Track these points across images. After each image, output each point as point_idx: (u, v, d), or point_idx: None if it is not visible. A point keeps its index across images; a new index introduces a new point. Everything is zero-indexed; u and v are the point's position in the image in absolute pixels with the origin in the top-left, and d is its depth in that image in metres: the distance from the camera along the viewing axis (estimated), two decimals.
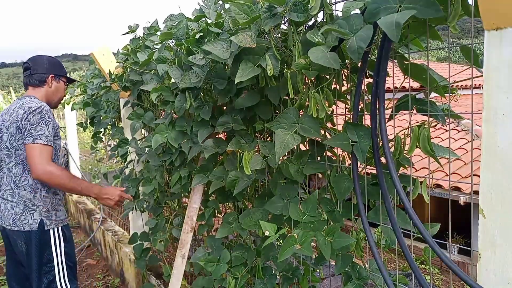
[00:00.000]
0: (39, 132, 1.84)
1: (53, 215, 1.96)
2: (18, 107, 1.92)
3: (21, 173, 1.93)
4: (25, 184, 1.92)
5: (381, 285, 1.20)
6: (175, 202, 2.41)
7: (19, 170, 1.92)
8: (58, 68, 2.12)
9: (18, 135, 1.89)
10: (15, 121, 1.89)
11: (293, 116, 1.15)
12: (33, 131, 1.84)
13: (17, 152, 1.91)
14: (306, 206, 1.20)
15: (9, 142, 1.92)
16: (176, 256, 1.93)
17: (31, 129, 1.84)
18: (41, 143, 1.83)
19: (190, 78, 1.51)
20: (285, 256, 1.10)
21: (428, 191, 1.06)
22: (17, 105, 1.95)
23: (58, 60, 2.17)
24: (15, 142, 1.90)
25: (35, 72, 2.04)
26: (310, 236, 1.11)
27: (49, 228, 1.93)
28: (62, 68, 2.15)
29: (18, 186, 1.92)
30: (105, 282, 3.53)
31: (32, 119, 1.85)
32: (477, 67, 0.93)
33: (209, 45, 1.27)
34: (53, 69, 2.09)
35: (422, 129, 0.99)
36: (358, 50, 0.85)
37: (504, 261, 0.75)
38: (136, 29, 2.20)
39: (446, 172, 4.99)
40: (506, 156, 0.72)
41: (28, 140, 1.83)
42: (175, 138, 1.77)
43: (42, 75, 2.04)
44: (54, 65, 2.10)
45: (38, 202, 1.92)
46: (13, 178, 1.93)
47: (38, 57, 2.12)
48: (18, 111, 1.89)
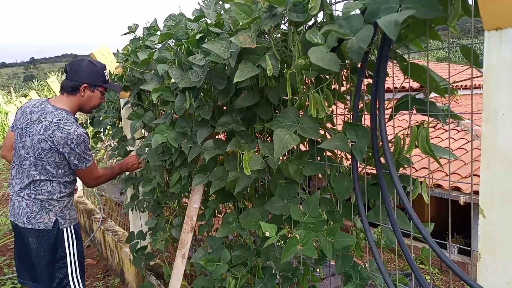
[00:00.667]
0: (87, 156, 1.98)
1: (67, 214, 2.02)
2: (53, 124, 1.90)
3: (43, 182, 1.97)
4: (44, 190, 1.97)
5: (381, 285, 1.20)
6: (175, 202, 2.41)
7: (42, 178, 1.96)
8: (94, 77, 2.03)
9: (54, 155, 1.93)
10: (50, 141, 1.90)
11: (293, 116, 1.15)
12: (84, 156, 1.96)
13: (45, 167, 1.95)
14: (307, 206, 1.20)
15: (38, 154, 1.94)
16: (176, 256, 1.93)
17: (80, 157, 1.95)
18: (90, 165, 2.01)
19: (190, 77, 1.51)
20: (288, 257, 1.10)
21: (428, 191, 1.06)
22: (50, 117, 1.92)
23: (98, 66, 2.07)
24: (44, 157, 1.93)
25: (70, 79, 2.02)
26: (312, 236, 1.11)
27: (63, 227, 2.00)
28: (100, 76, 2.06)
29: (37, 189, 1.97)
30: (105, 282, 3.53)
31: (81, 147, 1.93)
32: (477, 67, 0.93)
33: (209, 44, 1.27)
34: (88, 78, 2.02)
35: (421, 129, 0.99)
36: (359, 50, 0.85)
37: (504, 261, 0.75)
38: (135, 29, 2.20)
39: (446, 172, 4.99)
40: (506, 156, 0.72)
41: (81, 166, 1.98)
42: (175, 138, 1.78)
43: (76, 83, 2.01)
44: (90, 74, 2.03)
45: (55, 203, 1.98)
46: (34, 182, 1.97)
47: (76, 62, 2.07)
48: (56, 132, 1.89)
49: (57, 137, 1.88)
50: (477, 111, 0.83)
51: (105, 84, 2.09)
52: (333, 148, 1.13)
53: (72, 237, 2.04)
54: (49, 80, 4.72)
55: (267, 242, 1.18)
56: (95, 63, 2.06)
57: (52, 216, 1.97)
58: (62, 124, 1.91)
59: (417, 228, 0.92)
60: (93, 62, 2.06)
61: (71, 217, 2.05)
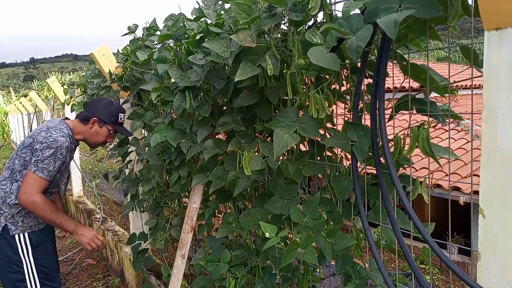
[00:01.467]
0: (44, 165, 1.93)
1: (19, 221, 2.03)
2: (45, 127, 2.01)
3: (6, 180, 2.03)
4: (2, 189, 2.03)
5: (381, 285, 1.20)
6: (175, 202, 2.41)
7: (7, 174, 2.02)
8: (107, 114, 2.13)
9: (27, 152, 2.00)
10: (33, 137, 1.99)
11: (293, 115, 1.14)
12: (40, 163, 1.93)
13: (15, 161, 2.02)
14: (307, 208, 1.20)
15: (19, 148, 2.02)
16: (176, 256, 1.93)
17: (38, 160, 1.93)
18: (40, 176, 1.93)
19: (190, 76, 1.51)
20: (288, 261, 1.11)
21: (428, 191, 1.06)
22: (51, 124, 2.04)
23: (116, 107, 2.16)
24: (20, 152, 2.02)
25: (86, 109, 2.16)
26: (313, 240, 1.11)
27: (14, 234, 2.02)
28: (112, 116, 2.14)
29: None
30: (105, 282, 3.53)
31: (45, 153, 1.93)
32: (477, 67, 0.93)
33: (209, 43, 1.27)
34: (101, 113, 2.12)
35: (422, 129, 0.99)
36: (357, 49, 0.85)
37: (504, 261, 0.75)
38: (135, 30, 2.20)
39: (446, 172, 4.99)
40: (506, 156, 0.72)
41: (31, 167, 1.93)
42: (174, 138, 1.77)
43: (88, 114, 2.12)
44: (104, 111, 2.12)
45: (5, 208, 2.01)
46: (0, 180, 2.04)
47: (98, 98, 2.23)
48: (41, 132, 1.98)
49: (40, 135, 1.96)
50: (477, 111, 0.83)
51: (115, 125, 2.17)
52: (335, 145, 1.13)
53: (26, 245, 2.03)
54: (49, 80, 4.71)
55: (266, 243, 1.18)
56: (113, 104, 2.17)
57: (2, 221, 2.00)
58: (52, 129, 2.00)
59: (417, 228, 0.92)
60: (112, 103, 2.17)
61: (25, 224, 2.04)
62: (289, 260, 1.11)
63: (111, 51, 2.59)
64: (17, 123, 14.06)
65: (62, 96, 4.48)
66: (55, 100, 6.61)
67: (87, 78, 3.31)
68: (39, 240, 2.08)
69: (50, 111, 7.23)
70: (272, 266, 1.56)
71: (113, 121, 2.15)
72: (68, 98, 3.85)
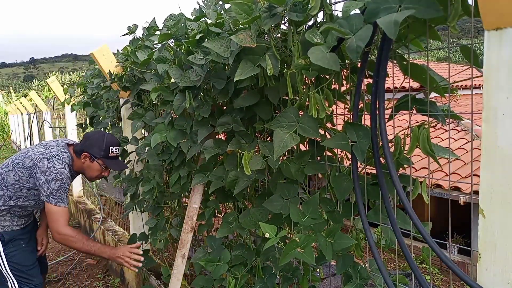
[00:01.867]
0: (59, 195, 1.99)
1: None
2: (50, 155, 2.03)
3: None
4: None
5: (381, 285, 1.20)
6: (175, 202, 2.41)
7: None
8: (97, 149, 2.12)
9: (26, 175, 2.03)
10: (36, 164, 2.01)
11: (293, 115, 1.15)
12: (55, 194, 1.98)
13: (8, 186, 2.04)
14: (307, 207, 1.20)
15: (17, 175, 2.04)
16: (176, 256, 1.93)
17: (52, 193, 1.98)
18: (62, 207, 2.00)
19: (190, 76, 1.51)
20: (286, 260, 1.11)
21: (428, 191, 1.06)
22: (54, 151, 2.06)
23: (107, 141, 2.14)
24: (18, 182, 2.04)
25: (80, 142, 2.18)
26: (312, 240, 1.11)
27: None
28: (102, 150, 2.12)
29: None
30: (105, 282, 3.53)
31: (53, 185, 1.98)
32: (477, 67, 0.93)
33: (209, 43, 1.27)
34: (91, 148, 2.12)
35: (422, 129, 0.99)
36: (357, 49, 0.85)
37: (504, 261, 0.75)
38: (135, 30, 2.20)
39: (446, 172, 4.99)
40: (506, 156, 0.72)
41: (51, 200, 1.98)
42: (174, 138, 1.77)
43: (81, 148, 2.14)
44: (93, 144, 2.12)
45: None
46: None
47: (92, 132, 2.24)
48: (44, 160, 2.00)
49: (43, 164, 1.99)
50: (477, 111, 0.83)
51: (106, 159, 2.13)
52: (335, 146, 1.13)
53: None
54: (49, 80, 4.71)
55: (266, 244, 1.18)
56: (105, 137, 2.14)
57: None
58: (55, 159, 2.03)
59: (416, 228, 0.92)
60: (104, 136, 2.14)
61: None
62: (288, 259, 1.11)
63: (111, 51, 2.58)
64: (17, 123, 14.06)
65: (62, 96, 4.48)
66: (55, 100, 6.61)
67: (87, 78, 3.31)
68: (11, 238, 2.11)
69: (50, 111, 7.23)
70: (272, 266, 1.56)
71: (103, 155, 2.13)
72: (68, 98, 3.85)
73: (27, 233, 2.21)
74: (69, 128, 5.24)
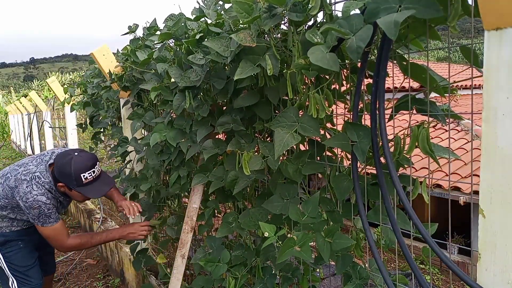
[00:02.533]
0: (45, 217, 1.94)
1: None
2: (30, 177, 1.95)
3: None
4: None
5: (381, 285, 1.20)
6: (175, 202, 2.41)
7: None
8: (67, 179, 1.91)
9: (9, 193, 1.98)
10: (16, 185, 1.96)
11: (293, 115, 1.15)
12: (39, 218, 1.94)
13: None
14: (307, 207, 1.20)
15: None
16: (176, 256, 1.93)
17: (35, 218, 1.94)
18: (51, 225, 1.96)
19: (190, 76, 1.51)
20: (283, 258, 1.10)
21: (428, 191, 1.06)
22: (37, 172, 1.97)
23: (75, 168, 1.88)
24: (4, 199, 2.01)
25: (54, 170, 1.98)
26: (310, 238, 1.11)
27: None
28: (73, 180, 1.89)
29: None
30: (105, 282, 3.53)
31: (33, 212, 1.93)
32: (477, 67, 0.93)
33: (209, 42, 1.27)
34: (63, 178, 1.93)
35: (421, 129, 0.98)
36: (357, 49, 0.85)
37: (504, 261, 0.75)
38: (135, 30, 2.20)
39: (446, 172, 4.99)
40: (506, 156, 0.72)
41: (38, 223, 1.95)
42: (173, 137, 1.77)
43: (55, 177, 1.97)
44: (63, 175, 1.91)
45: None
46: None
47: (60, 158, 1.94)
48: (23, 182, 1.93)
49: (22, 187, 1.92)
50: (477, 111, 0.83)
51: (79, 188, 1.91)
52: (336, 145, 1.13)
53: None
54: (49, 80, 4.72)
55: (265, 242, 1.18)
56: (72, 164, 1.88)
57: None
58: (34, 182, 1.93)
59: (417, 228, 0.92)
60: (70, 163, 1.89)
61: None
62: (285, 257, 1.10)
63: (111, 51, 2.58)
64: (17, 123, 14.07)
65: (62, 96, 4.49)
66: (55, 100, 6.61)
67: (87, 78, 3.31)
68: (8, 239, 2.11)
69: (50, 111, 7.23)
70: (272, 266, 1.56)
71: (77, 184, 1.91)
72: (68, 98, 3.85)
73: (28, 234, 2.20)
74: (69, 128, 5.25)
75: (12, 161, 12.89)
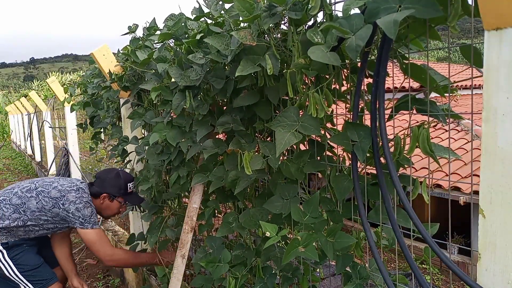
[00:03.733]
0: (93, 220, 2.08)
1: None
2: (76, 188, 2.10)
3: (8, 211, 2.05)
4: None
5: (381, 285, 1.20)
6: (175, 202, 2.41)
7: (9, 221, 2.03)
8: (116, 188, 2.18)
9: (50, 204, 2.05)
10: (63, 195, 2.06)
11: (294, 115, 1.15)
12: (88, 219, 2.06)
13: (28, 214, 2.05)
14: (308, 207, 1.20)
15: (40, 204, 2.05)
16: (176, 256, 1.93)
17: (86, 219, 2.05)
18: (97, 229, 2.08)
19: (190, 75, 1.51)
20: (289, 259, 1.11)
21: (428, 191, 1.06)
22: (80, 185, 2.13)
23: (124, 179, 2.21)
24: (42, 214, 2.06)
25: (95, 185, 2.20)
26: (314, 238, 1.12)
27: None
28: (121, 189, 2.19)
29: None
30: (105, 282, 3.53)
31: (86, 212, 2.06)
32: (478, 66, 0.93)
33: (210, 39, 1.28)
34: (110, 188, 2.18)
35: (422, 129, 0.98)
36: (356, 48, 0.85)
37: (504, 261, 0.75)
38: (135, 30, 2.20)
39: (446, 172, 4.99)
40: (506, 156, 0.72)
41: (86, 226, 2.05)
42: (173, 137, 1.77)
43: (98, 190, 2.18)
44: (111, 185, 2.18)
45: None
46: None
47: (105, 172, 2.26)
48: (71, 191, 2.07)
49: (71, 195, 2.05)
50: (477, 111, 0.83)
51: (125, 196, 2.21)
52: (339, 143, 1.12)
53: (2, 252, 2.07)
54: (49, 80, 4.71)
55: (267, 242, 1.18)
56: (121, 176, 2.21)
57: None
58: (81, 190, 2.10)
59: (417, 228, 0.92)
60: (119, 174, 2.21)
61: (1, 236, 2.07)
62: (290, 258, 1.11)
63: (111, 51, 2.58)
64: (17, 123, 14.07)
65: (62, 96, 4.48)
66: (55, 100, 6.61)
67: (87, 78, 3.31)
68: (13, 244, 2.11)
69: (50, 111, 7.23)
70: (273, 267, 1.56)
71: (123, 193, 2.20)
72: (68, 97, 3.85)
73: (30, 240, 2.21)
74: (69, 128, 5.25)
75: (12, 161, 12.89)
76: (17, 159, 12.83)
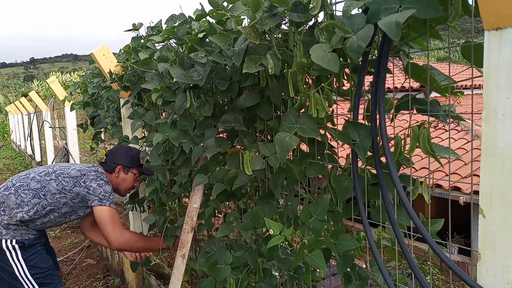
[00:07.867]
0: (112, 198, 2.08)
1: (11, 229, 2.03)
2: (95, 169, 2.14)
3: (27, 196, 2.03)
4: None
5: (381, 285, 1.20)
6: (175, 202, 2.41)
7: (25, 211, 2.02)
8: (129, 159, 2.22)
9: (71, 183, 2.06)
10: (84, 174, 2.09)
11: (292, 118, 1.15)
12: (108, 197, 2.06)
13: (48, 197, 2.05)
14: (315, 209, 1.19)
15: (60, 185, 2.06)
16: (176, 256, 1.93)
17: (105, 196, 2.06)
18: (114, 208, 2.07)
19: (192, 75, 1.51)
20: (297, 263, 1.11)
21: (428, 191, 1.06)
22: (98, 168, 2.16)
23: (134, 151, 2.26)
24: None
25: (107, 161, 2.23)
26: (321, 243, 1.12)
27: (1, 239, 2.01)
28: (134, 160, 2.23)
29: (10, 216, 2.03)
30: (105, 282, 3.53)
31: (107, 188, 2.08)
32: (478, 66, 0.93)
33: (214, 37, 1.28)
34: (123, 160, 2.21)
35: (422, 129, 0.99)
36: (358, 49, 0.85)
37: (504, 261, 0.75)
38: (139, 28, 2.19)
39: (446, 172, 4.99)
40: (506, 156, 0.72)
41: (104, 202, 2.04)
42: (176, 137, 1.78)
43: (112, 164, 2.21)
44: (124, 157, 2.22)
45: (6, 214, 2.02)
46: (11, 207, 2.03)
47: (115, 148, 2.34)
48: (91, 171, 2.11)
49: (90, 173, 2.09)
50: (477, 111, 0.84)
51: (139, 167, 2.24)
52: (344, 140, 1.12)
53: (15, 250, 2.04)
54: (49, 80, 4.71)
55: (271, 242, 1.17)
56: (131, 148, 2.29)
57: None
58: (99, 171, 2.13)
59: (417, 228, 0.92)
60: (130, 148, 2.29)
61: (16, 232, 2.04)
62: (299, 260, 1.12)
63: (111, 51, 2.58)
64: (17, 123, 14.07)
65: (62, 96, 4.49)
66: (55, 100, 6.61)
67: (87, 78, 3.31)
68: (29, 243, 2.09)
69: (50, 111, 7.23)
70: (275, 267, 1.56)
71: (137, 164, 2.24)
72: (68, 96, 3.85)
73: (41, 237, 2.21)
74: (69, 128, 5.25)
75: (12, 161, 12.89)
76: (17, 159, 12.84)
